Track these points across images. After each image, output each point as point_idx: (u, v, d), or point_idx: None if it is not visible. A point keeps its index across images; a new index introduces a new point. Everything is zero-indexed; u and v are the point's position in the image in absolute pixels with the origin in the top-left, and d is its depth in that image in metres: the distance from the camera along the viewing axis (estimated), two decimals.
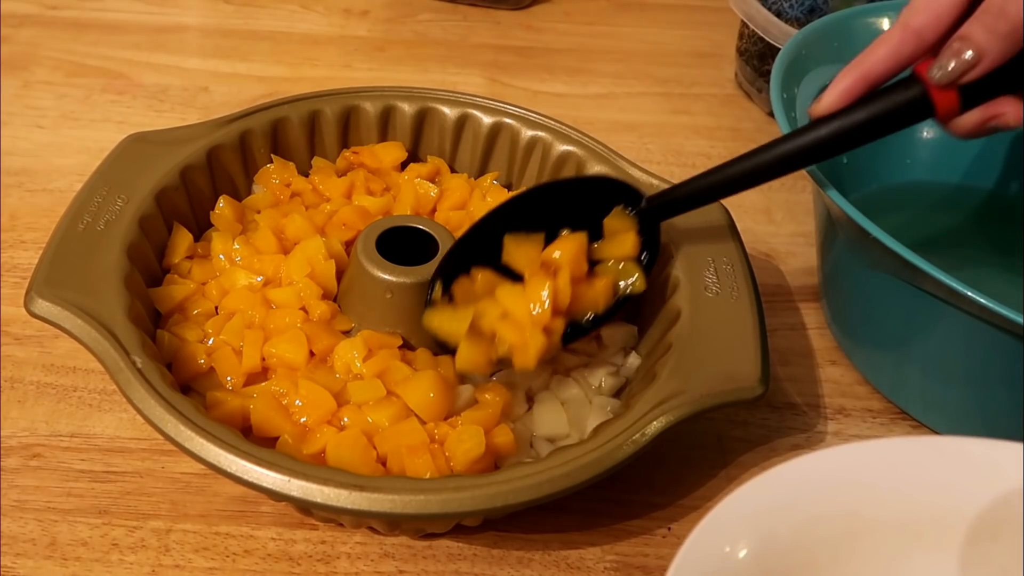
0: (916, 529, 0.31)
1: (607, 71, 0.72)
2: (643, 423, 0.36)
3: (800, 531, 0.30)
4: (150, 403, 0.35)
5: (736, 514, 0.29)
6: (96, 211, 0.42)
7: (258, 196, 0.49)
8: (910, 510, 0.31)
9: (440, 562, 0.39)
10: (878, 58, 0.36)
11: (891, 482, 0.31)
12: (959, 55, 0.35)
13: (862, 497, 0.30)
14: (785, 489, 0.30)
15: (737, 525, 0.29)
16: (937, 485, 0.31)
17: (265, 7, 0.76)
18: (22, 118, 0.61)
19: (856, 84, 0.37)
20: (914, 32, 0.36)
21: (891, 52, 0.36)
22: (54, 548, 0.38)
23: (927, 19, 0.36)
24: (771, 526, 0.29)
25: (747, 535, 0.29)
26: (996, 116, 0.36)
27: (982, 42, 0.34)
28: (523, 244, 0.40)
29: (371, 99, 0.51)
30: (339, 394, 0.39)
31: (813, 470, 0.31)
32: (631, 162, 0.49)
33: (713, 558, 0.28)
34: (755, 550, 0.29)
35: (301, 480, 0.33)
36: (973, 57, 0.35)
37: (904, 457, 0.31)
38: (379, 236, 0.42)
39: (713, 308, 0.41)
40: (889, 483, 0.31)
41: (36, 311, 0.37)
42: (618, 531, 0.40)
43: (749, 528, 0.29)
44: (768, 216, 0.59)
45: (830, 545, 0.30)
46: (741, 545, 0.28)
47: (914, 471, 0.31)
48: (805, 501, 0.30)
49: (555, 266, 0.39)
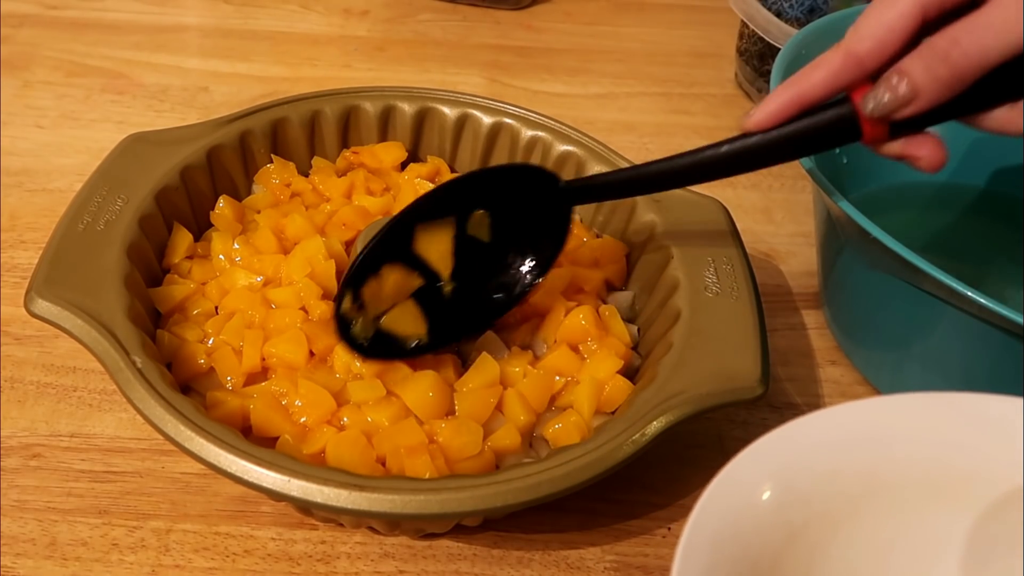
0: (934, 488, 0.30)
1: (607, 71, 0.72)
2: (643, 423, 0.36)
3: (819, 484, 0.30)
4: (150, 403, 0.35)
5: (757, 463, 0.29)
6: (96, 211, 0.42)
7: (258, 196, 0.49)
8: (929, 468, 0.30)
9: (440, 562, 0.39)
10: (815, 82, 0.35)
11: (911, 439, 0.30)
12: (895, 91, 0.34)
13: (881, 453, 0.30)
14: (806, 441, 0.30)
15: (758, 472, 0.29)
16: (957, 443, 0.30)
17: (265, 7, 0.76)
18: (22, 118, 0.61)
19: (789, 104, 0.36)
20: (856, 60, 0.35)
21: (829, 77, 0.35)
22: (54, 548, 0.38)
23: (871, 47, 0.35)
24: (791, 477, 0.29)
25: (768, 482, 0.29)
26: (912, 158, 0.36)
27: (919, 81, 0.33)
28: (434, 232, 0.41)
29: (371, 99, 0.51)
30: (339, 394, 0.39)
31: (833, 424, 0.31)
32: (631, 162, 0.49)
33: (735, 501, 0.28)
34: (776, 497, 0.29)
35: (301, 480, 0.33)
36: (907, 95, 0.34)
37: (924, 413, 0.31)
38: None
39: (713, 308, 0.41)
40: (909, 440, 0.30)
41: (36, 311, 0.37)
42: (618, 531, 0.40)
43: (770, 476, 0.29)
44: (768, 216, 0.59)
45: (848, 500, 0.30)
46: (764, 489, 0.29)
47: (934, 428, 0.31)
48: (825, 455, 0.30)
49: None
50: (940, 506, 0.30)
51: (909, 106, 0.34)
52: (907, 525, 0.31)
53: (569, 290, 0.44)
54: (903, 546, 0.31)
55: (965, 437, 0.31)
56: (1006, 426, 0.30)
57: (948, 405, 0.31)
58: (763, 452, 0.29)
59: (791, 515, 0.29)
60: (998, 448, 0.30)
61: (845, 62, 0.35)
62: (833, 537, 0.30)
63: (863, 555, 0.30)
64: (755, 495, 0.29)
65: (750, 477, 0.29)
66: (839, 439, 0.30)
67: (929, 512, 0.31)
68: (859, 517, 0.30)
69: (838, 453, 0.30)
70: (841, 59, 0.35)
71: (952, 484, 0.30)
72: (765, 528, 0.29)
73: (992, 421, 0.31)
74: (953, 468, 0.30)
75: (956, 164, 0.56)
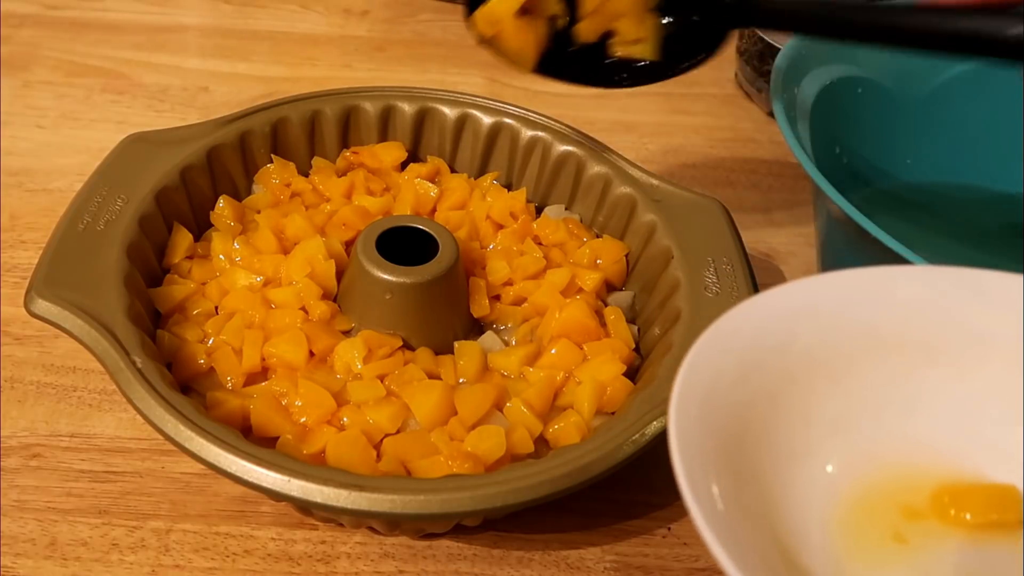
0: (932, 351, 0.32)
1: None
2: (643, 423, 0.36)
3: (822, 335, 0.31)
4: (150, 403, 0.35)
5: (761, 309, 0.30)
6: (96, 211, 0.42)
7: (258, 196, 0.49)
8: (929, 331, 0.32)
9: (440, 562, 0.39)
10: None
11: (913, 303, 0.32)
12: None
13: (884, 313, 0.32)
14: (809, 294, 0.32)
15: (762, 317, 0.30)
16: (953, 309, 0.32)
17: (265, 7, 0.76)
18: (22, 118, 0.61)
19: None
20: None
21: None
22: (54, 548, 0.38)
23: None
24: (793, 325, 0.31)
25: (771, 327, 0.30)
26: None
27: None
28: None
29: (371, 99, 0.51)
30: (339, 394, 0.39)
31: (839, 283, 0.32)
32: (631, 162, 0.49)
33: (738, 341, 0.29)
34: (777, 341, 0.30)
35: (301, 480, 0.33)
36: None
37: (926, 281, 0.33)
38: (379, 236, 0.42)
39: (713, 308, 0.41)
40: (911, 304, 0.32)
41: (36, 311, 0.37)
42: (618, 531, 0.40)
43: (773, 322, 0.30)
44: (768, 216, 0.59)
45: (847, 356, 0.31)
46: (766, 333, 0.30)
47: (934, 295, 0.32)
48: (828, 308, 0.31)
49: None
50: (933, 369, 0.32)
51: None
52: (900, 382, 0.32)
53: (569, 290, 0.44)
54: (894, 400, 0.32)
55: (964, 306, 0.32)
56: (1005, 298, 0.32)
57: (951, 277, 0.33)
58: (773, 300, 0.30)
59: (792, 360, 0.30)
60: (994, 318, 0.32)
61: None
62: (831, 385, 0.31)
63: (857, 404, 0.32)
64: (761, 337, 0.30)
65: (757, 320, 0.30)
66: (845, 296, 0.32)
67: (921, 373, 0.32)
68: (857, 370, 0.31)
69: (843, 309, 0.31)
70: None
71: (947, 349, 0.32)
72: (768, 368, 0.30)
73: (991, 293, 0.32)
74: (949, 334, 0.32)
75: (956, 164, 0.56)
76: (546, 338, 0.42)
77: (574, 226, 0.49)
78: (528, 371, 0.41)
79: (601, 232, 0.49)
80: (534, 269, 0.45)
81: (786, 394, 0.30)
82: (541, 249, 0.46)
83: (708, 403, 0.28)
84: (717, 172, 0.63)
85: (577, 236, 0.48)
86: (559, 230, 0.48)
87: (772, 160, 0.64)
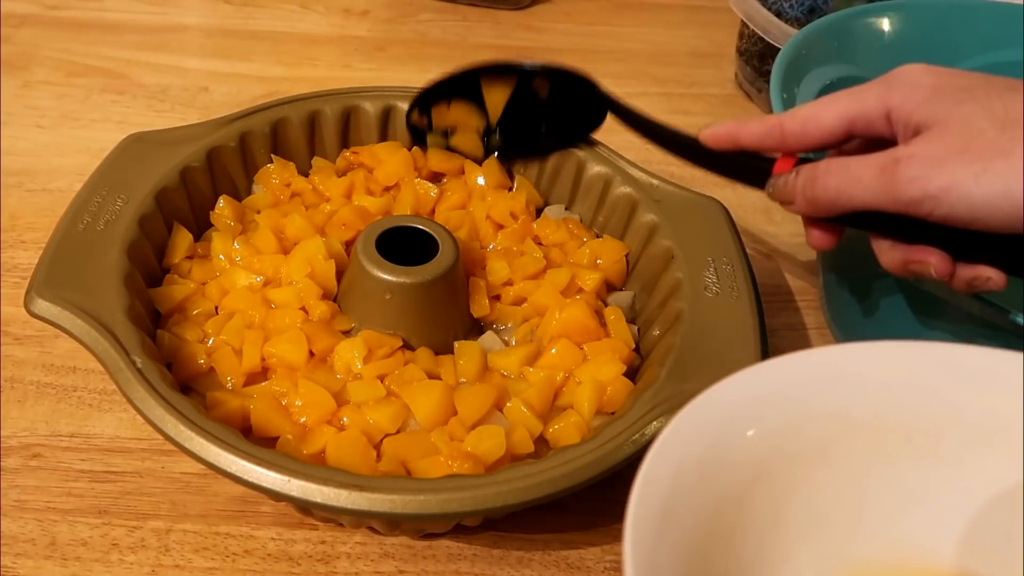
0: (908, 437, 0.30)
1: (607, 71, 0.72)
2: (643, 423, 0.36)
3: (791, 424, 0.30)
4: (150, 403, 0.35)
5: (728, 399, 0.29)
6: (96, 211, 0.42)
7: (258, 196, 0.49)
8: (904, 416, 0.30)
9: (440, 562, 0.39)
10: (749, 132, 0.39)
11: (886, 385, 0.30)
12: (783, 188, 0.38)
13: (855, 397, 0.30)
14: (778, 381, 0.30)
15: (728, 408, 0.29)
16: (930, 390, 0.30)
17: (265, 7, 0.75)
18: (22, 118, 0.61)
19: (726, 139, 0.40)
20: (781, 134, 0.38)
21: (759, 136, 0.39)
22: (54, 548, 0.38)
23: (796, 130, 0.38)
24: (761, 415, 0.29)
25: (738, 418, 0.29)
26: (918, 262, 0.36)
27: (796, 190, 0.37)
28: (496, 84, 0.46)
29: (371, 99, 0.51)
30: (339, 394, 0.39)
31: (808, 365, 0.31)
32: (631, 162, 0.49)
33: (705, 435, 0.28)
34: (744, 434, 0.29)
35: (301, 480, 0.33)
36: (789, 196, 0.38)
37: (899, 360, 0.31)
38: (379, 236, 0.42)
39: (713, 308, 0.41)
40: (884, 385, 0.30)
41: (36, 311, 0.37)
42: (618, 531, 0.40)
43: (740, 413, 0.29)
44: (768, 216, 0.59)
45: (820, 444, 0.30)
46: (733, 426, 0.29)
47: (908, 375, 0.31)
48: (797, 394, 0.30)
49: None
50: (913, 457, 0.30)
51: (790, 206, 0.38)
52: (878, 474, 0.30)
53: (569, 290, 0.44)
54: (874, 494, 0.30)
55: (941, 386, 0.30)
56: (984, 376, 0.30)
57: (926, 354, 0.31)
58: (734, 388, 0.29)
59: (760, 454, 0.29)
60: (974, 398, 0.30)
61: (772, 131, 0.38)
62: (803, 480, 0.30)
63: (833, 500, 0.30)
64: (724, 431, 0.28)
65: (719, 413, 0.29)
66: (813, 380, 0.30)
67: (901, 462, 0.30)
68: (830, 462, 0.30)
69: (811, 394, 0.30)
70: (770, 127, 0.38)
71: (926, 434, 0.30)
72: (732, 465, 0.28)
73: (970, 372, 0.31)
74: (928, 418, 0.30)
75: None
76: (546, 338, 0.42)
77: (574, 226, 0.49)
78: (528, 371, 0.41)
79: (601, 232, 0.49)
80: (534, 269, 0.45)
81: (754, 494, 0.29)
82: (541, 249, 0.46)
83: (668, 515, 0.26)
84: None
85: (577, 236, 0.48)
86: (559, 230, 0.48)
87: None
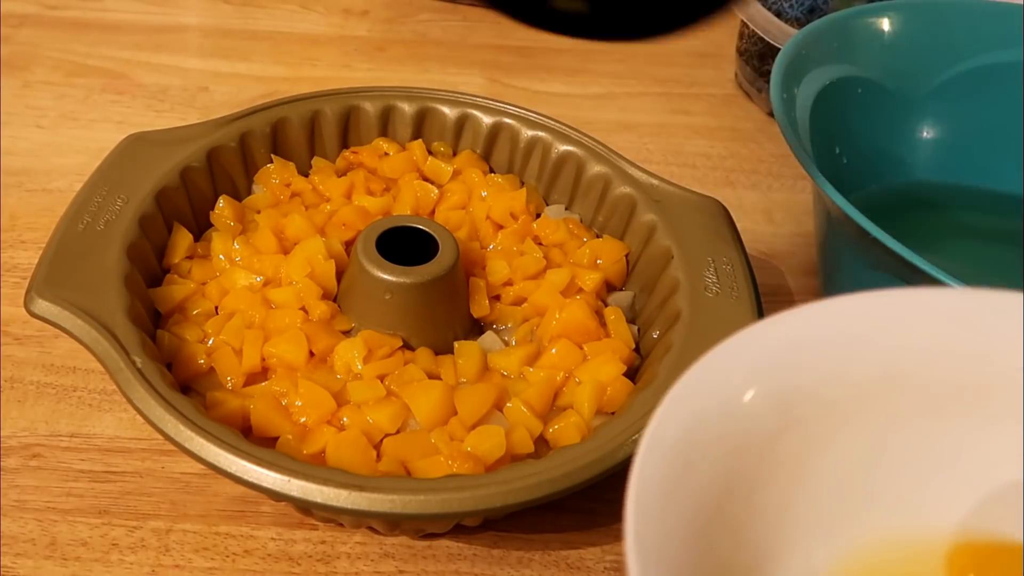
0: (945, 394, 0.28)
1: (607, 71, 0.72)
2: (643, 423, 0.36)
3: (823, 381, 0.27)
4: (150, 403, 0.35)
5: (748, 352, 0.27)
6: (96, 211, 0.42)
7: (258, 196, 0.49)
8: (944, 370, 0.28)
9: (440, 562, 0.39)
10: None
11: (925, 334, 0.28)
12: None
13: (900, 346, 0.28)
14: (804, 332, 0.27)
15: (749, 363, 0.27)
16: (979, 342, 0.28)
17: (265, 7, 0.75)
18: (22, 118, 0.61)
19: None
20: None
21: None
22: (54, 548, 0.38)
23: None
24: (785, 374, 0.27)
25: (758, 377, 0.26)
26: None
27: None
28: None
29: (371, 99, 0.51)
30: (339, 394, 0.39)
31: (838, 315, 0.28)
32: (631, 162, 0.49)
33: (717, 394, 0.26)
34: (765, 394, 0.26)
35: (301, 480, 0.33)
36: None
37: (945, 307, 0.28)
38: (379, 236, 0.42)
39: (713, 308, 0.41)
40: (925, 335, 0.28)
41: (36, 311, 0.37)
42: (618, 531, 0.40)
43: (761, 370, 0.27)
44: (768, 216, 0.59)
45: (854, 399, 0.28)
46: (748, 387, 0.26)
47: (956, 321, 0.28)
48: (831, 348, 0.27)
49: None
50: (945, 417, 0.28)
51: None
52: (911, 432, 0.28)
53: (569, 290, 0.44)
54: (904, 453, 0.28)
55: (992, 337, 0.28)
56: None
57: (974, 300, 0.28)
58: (732, 350, 0.27)
59: (785, 410, 0.27)
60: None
61: None
62: (832, 436, 0.28)
63: (861, 458, 0.28)
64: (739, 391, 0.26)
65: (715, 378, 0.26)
66: (838, 330, 0.28)
67: (935, 422, 0.28)
68: (861, 419, 0.28)
69: (846, 347, 0.27)
70: None
71: (963, 391, 0.28)
72: (755, 417, 0.26)
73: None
74: (966, 373, 0.28)
75: (956, 164, 0.56)
76: (546, 338, 0.42)
77: (574, 226, 0.49)
78: (528, 371, 0.41)
79: (601, 232, 0.49)
80: (534, 269, 0.45)
81: (781, 443, 0.26)
82: (541, 249, 0.46)
83: (672, 494, 0.24)
84: (717, 172, 0.63)
85: (577, 236, 0.48)
86: (559, 230, 0.48)
87: (772, 160, 0.64)
